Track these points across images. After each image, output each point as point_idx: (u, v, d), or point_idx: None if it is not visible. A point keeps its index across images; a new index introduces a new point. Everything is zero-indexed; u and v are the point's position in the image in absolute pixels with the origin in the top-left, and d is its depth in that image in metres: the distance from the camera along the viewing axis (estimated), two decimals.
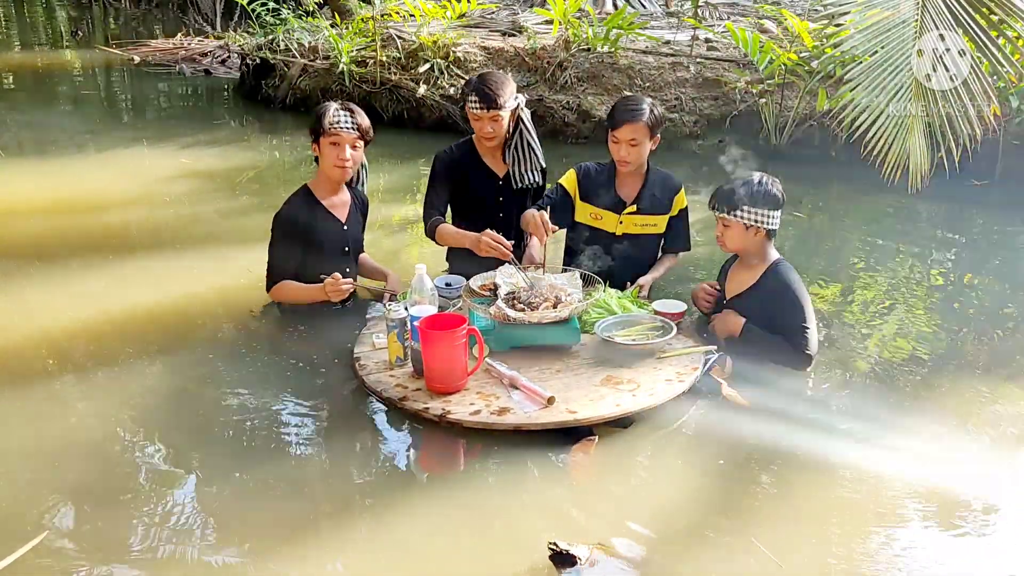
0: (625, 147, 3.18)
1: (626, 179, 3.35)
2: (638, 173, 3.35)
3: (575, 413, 2.51)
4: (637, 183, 3.35)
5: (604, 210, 3.35)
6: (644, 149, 3.21)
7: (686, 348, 2.93)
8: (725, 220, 2.88)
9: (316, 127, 3.10)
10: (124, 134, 7.24)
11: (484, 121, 3.25)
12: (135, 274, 3.92)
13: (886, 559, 2.09)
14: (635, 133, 3.14)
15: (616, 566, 2.05)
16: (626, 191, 3.36)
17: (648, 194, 3.34)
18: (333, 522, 2.21)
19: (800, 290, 2.85)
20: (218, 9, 13.33)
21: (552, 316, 2.81)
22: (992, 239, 4.82)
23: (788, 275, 2.88)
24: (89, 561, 2.04)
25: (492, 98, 3.20)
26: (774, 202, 2.83)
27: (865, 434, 2.61)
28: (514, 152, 3.42)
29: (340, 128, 3.07)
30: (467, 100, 3.27)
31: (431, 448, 2.59)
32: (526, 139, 3.42)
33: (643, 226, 3.37)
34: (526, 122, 3.41)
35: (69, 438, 2.57)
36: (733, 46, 6.99)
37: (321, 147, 3.12)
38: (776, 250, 2.98)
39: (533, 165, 3.47)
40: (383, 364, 2.84)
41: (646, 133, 3.16)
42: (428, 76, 7.13)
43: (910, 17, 4.05)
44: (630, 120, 3.14)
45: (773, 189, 2.84)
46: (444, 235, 3.35)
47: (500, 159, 3.47)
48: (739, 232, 2.87)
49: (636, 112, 3.14)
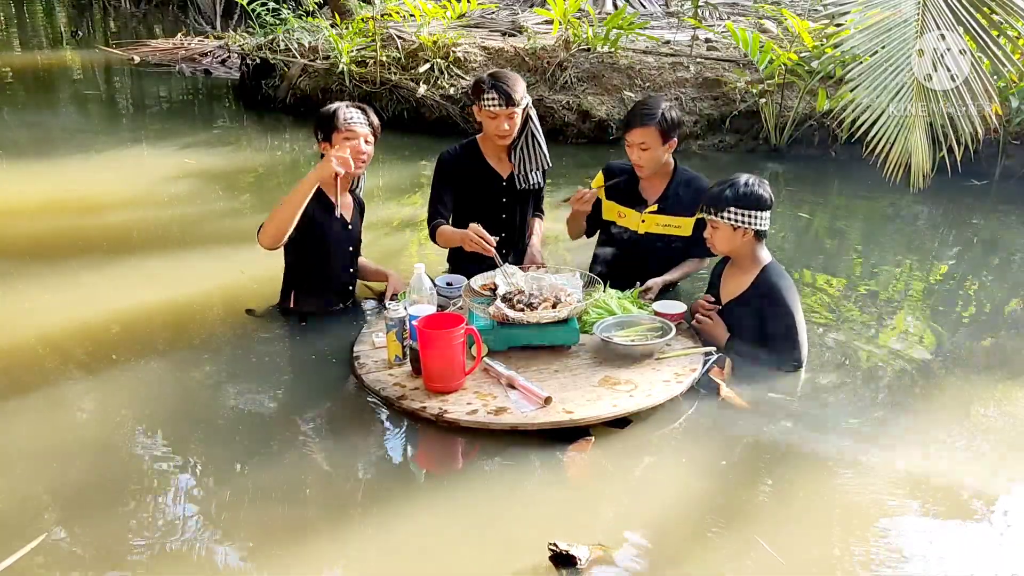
0: (636, 151, 3.18)
1: (651, 178, 3.34)
2: (663, 173, 3.33)
3: (572, 413, 2.51)
4: (661, 183, 3.34)
5: (627, 208, 3.36)
6: (657, 153, 3.18)
7: (685, 349, 2.92)
8: (713, 222, 2.87)
9: (327, 126, 3.11)
10: (124, 134, 7.25)
11: (501, 119, 3.24)
12: (135, 274, 3.92)
13: (887, 558, 2.08)
14: (645, 137, 3.13)
15: (617, 567, 2.04)
16: (649, 190, 3.35)
17: (672, 194, 3.32)
18: (331, 522, 2.21)
19: (791, 297, 2.84)
20: (218, 9, 13.33)
21: (551, 316, 2.80)
22: (992, 239, 4.81)
23: (779, 281, 2.86)
24: (90, 562, 2.03)
25: (510, 95, 3.19)
26: (761, 203, 2.81)
27: (864, 433, 2.61)
28: (522, 151, 3.41)
29: (354, 124, 3.10)
30: (482, 99, 3.24)
31: (429, 447, 2.59)
32: (535, 138, 3.41)
33: (666, 227, 3.35)
34: (534, 120, 3.41)
35: (69, 438, 2.57)
36: (733, 46, 6.99)
37: (334, 144, 3.13)
38: (769, 251, 2.96)
39: (539, 164, 3.46)
40: (382, 363, 2.84)
41: (657, 137, 3.14)
42: (428, 76, 7.13)
43: (911, 16, 4.04)
44: (640, 124, 3.13)
45: (760, 190, 2.82)
46: (443, 236, 3.35)
47: (504, 159, 3.46)
48: (727, 233, 2.86)
49: (647, 116, 3.13)
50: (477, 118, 3.36)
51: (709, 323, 2.99)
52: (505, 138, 3.31)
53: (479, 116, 3.33)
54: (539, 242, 3.58)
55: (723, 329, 2.96)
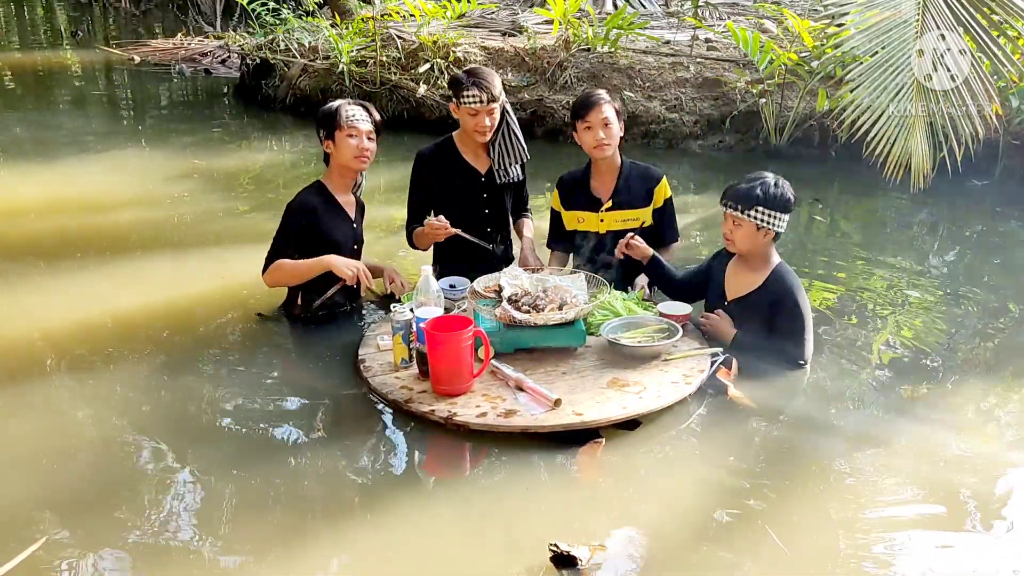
0: (601, 129, 3.23)
1: (600, 177, 3.39)
2: (612, 169, 3.38)
3: (582, 415, 2.51)
4: (612, 180, 3.38)
5: (584, 212, 3.40)
6: (616, 129, 3.26)
7: (692, 350, 2.93)
8: (737, 219, 2.85)
9: (329, 123, 3.13)
10: (124, 134, 7.26)
11: (482, 115, 3.26)
12: (135, 274, 3.92)
13: (894, 555, 2.10)
14: (604, 112, 3.22)
15: (617, 567, 2.05)
16: (601, 189, 3.39)
17: (623, 188, 3.37)
18: (332, 521, 2.22)
19: (801, 298, 2.86)
20: (218, 9, 13.34)
21: (559, 318, 2.81)
22: (992, 239, 4.83)
23: (791, 281, 2.88)
24: (91, 563, 2.04)
25: (491, 91, 3.23)
26: (787, 206, 2.83)
27: (870, 433, 2.63)
28: (500, 145, 3.43)
29: (357, 121, 3.12)
30: (461, 96, 3.25)
31: (429, 449, 2.59)
32: (512, 130, 3.43)
33: (625, 221, 3.38)
34: (510, 113, 3.43)
35: (70, 439, 2.57)
36: (733, 46, 7.00)
37: (337, 141, 3.14)
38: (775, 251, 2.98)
39: (518, 156, 3.47)
40: (388, 366, 2.84)
41: (614, 112, 3.25)
42: (428, 76, 7.13)
43: (911, 17, 4.06)
44: (598, 102, 3.22)
45: (788, 193, 2.84)
46: (419, 239, 3.43)
47: (481, 155, 3.47)
48: (750, 232, 2.86)
49: (598, 95, 3.27)
50: (455, 115, 3.37)
51: (716, 320, 3.00)
52: (485, 134, 3.32)
53: (457, 114, 3.34)
54: (532, 243, 3.58)
55: (729, 324, 2.97)
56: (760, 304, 2.90)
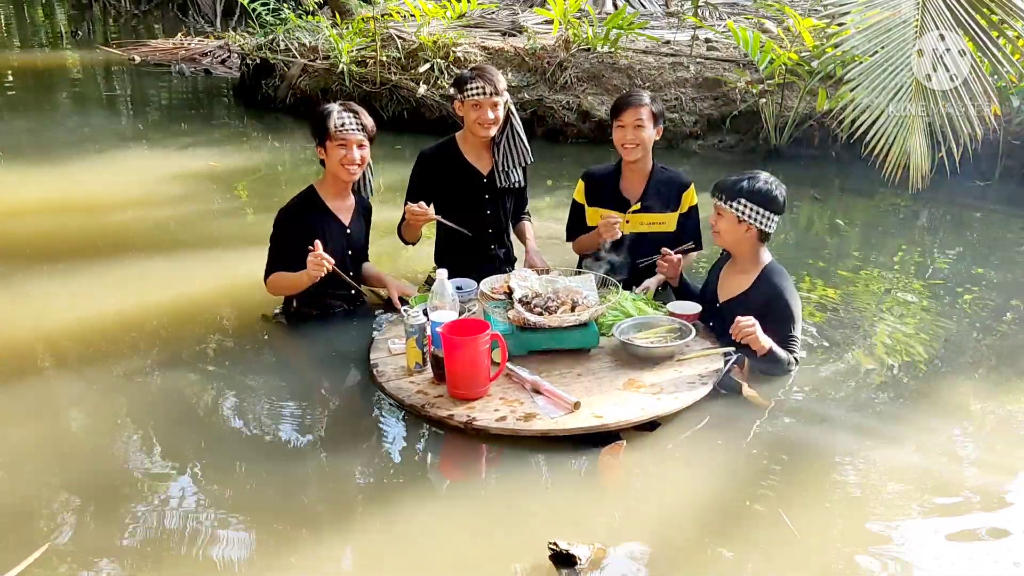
0: (631, 130, 3.24)
1: (631, 178, 3.39)
2: (642, 172, 3.38)
3: (602, 418, 2.52)
4: (641, 182, 3.39)
5: (610, 211, 3.38)
6: (649, 133, 3.27)
7: (704, 350, 2.94)
8: (720, 208, 2.89)
9: (321, 130, 3.08)
10: (124, 134, 7.24)
11: (485, 108, 3.26)
12: (136, 274, 3.92)
13: (904, 550, 2.15)
14: (640, 114, 3.23)
15: (617, 567, 2.07)
16: (630, 190, 3.40)
17: (653, 192, 3.38)
18: (333, 521, 2.24)
19: (791, 298, 2.88)
20: (218, 9, 13.30)
21: (573, 319, 2.81)
22: (992, 239, 4.87)
23: (781, 281, 2.90)
24: (94, 565, 2.05)
25: (494, 83, 3.25)
26: (772, 204, 2.83)
27: (881, 429, 2.68)
28: (504, 146, 3.44)
29: (347, 131, 3.06)
30: (465, 90, 3.26)
31: (431, 449, 2.60)
32: (516, 132, 3.45)
33: (650, 225, 3.39)
34: (514, 115, 3.45)
35: (70, 439, 2.59)
36: (733, 46, 7.04)
37: (328, 150, 3.10)
38: (770, 252, 2.99)
39: (520, 159, 3.48)
40: (401, 370, 2.82)
41: (650, 116, 3.25)
42: (428, 76, 7.15)
43: (910, 17, 4.09)
44: (635, 104, 3.24)
45: (775, 191, 2.84)
46: (405, 230, 3.42)
47: (484, 156, 3.47)
48: (731, 224, 2.88)
49: (639, 96, 3.28)
50: (459, 112, 3.39)
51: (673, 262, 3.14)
52: (488, 128, 3.32)
53: (461, 110, 3.36)
54: (536, 245, 3.60)
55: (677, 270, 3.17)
56: (751, 305, 2.89)
